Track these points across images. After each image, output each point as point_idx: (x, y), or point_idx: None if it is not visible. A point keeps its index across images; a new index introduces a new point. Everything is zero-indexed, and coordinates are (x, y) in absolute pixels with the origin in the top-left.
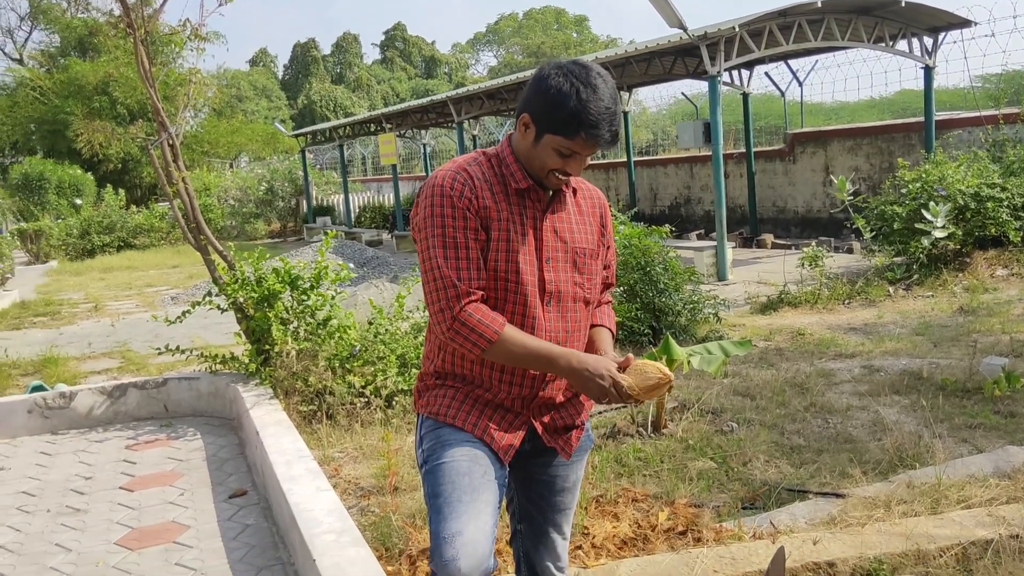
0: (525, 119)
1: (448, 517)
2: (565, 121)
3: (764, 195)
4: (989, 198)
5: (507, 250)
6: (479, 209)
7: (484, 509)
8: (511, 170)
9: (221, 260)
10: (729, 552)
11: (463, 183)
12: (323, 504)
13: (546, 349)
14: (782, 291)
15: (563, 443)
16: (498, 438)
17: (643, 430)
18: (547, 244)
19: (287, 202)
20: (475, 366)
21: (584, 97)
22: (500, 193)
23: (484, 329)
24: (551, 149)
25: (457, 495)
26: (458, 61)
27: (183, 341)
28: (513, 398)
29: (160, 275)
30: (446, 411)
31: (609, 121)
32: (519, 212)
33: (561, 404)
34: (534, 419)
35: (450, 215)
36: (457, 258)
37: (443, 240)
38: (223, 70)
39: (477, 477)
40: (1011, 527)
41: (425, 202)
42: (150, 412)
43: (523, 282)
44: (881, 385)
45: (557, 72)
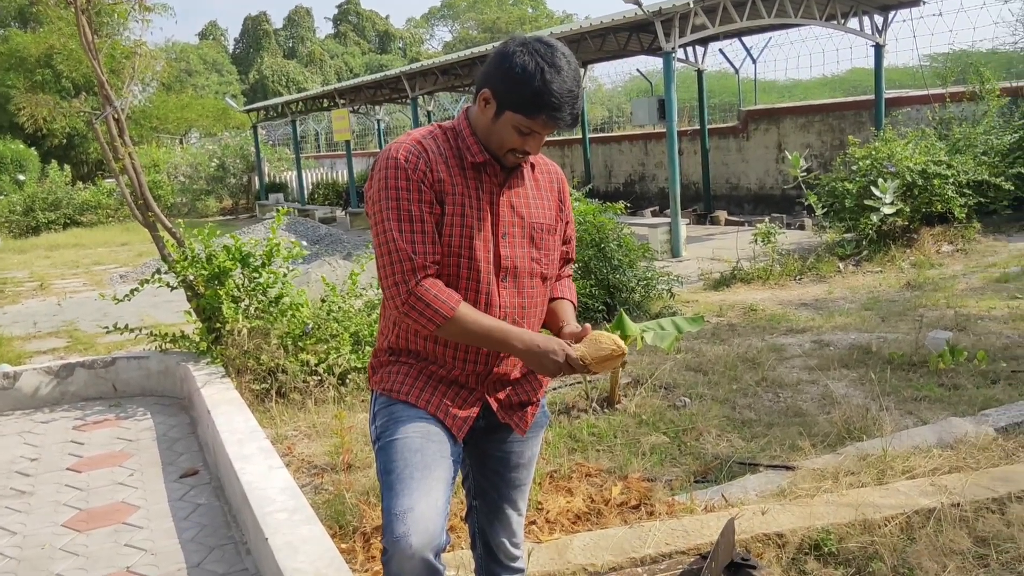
0: (486, 94)
1: (400, 494)
2: (527, 101)
3: (718, 172)
4: (936, 175)
5: (461, 225)
6: (434, 182)
7: (436, 486)
8: (467, 143)
9: (170, 237)
10: (681, 525)
11: (418, 155)
12: (276, 482)
13: (500, 329)
14: (735, 267)
15: (518, 419)
16: (452, 414)
17: (597, 406)
18: (503, 219)
19: (239, 179)
20: (428, 343)
21: (548, 78)
22: (456, 167)
23: (440, 305)
24: (511, 127)
25: (409, 471)
26: (413, 36)
27: (132, 320)
28: (467, 374)
29: (108, 253)
30: (400, 387)
31: (571, 103)
32: (475, 186)
33: (517, 380)
34: (489, 395)
35: (404, 187)
36: (412, 231)
37: (397, 213)
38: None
39: (430, 454)
40: (953, 496)
41: (379, 175)
42: (98, 392)
43: (477, 258)
44: (830, 359)
45: (522, 50)
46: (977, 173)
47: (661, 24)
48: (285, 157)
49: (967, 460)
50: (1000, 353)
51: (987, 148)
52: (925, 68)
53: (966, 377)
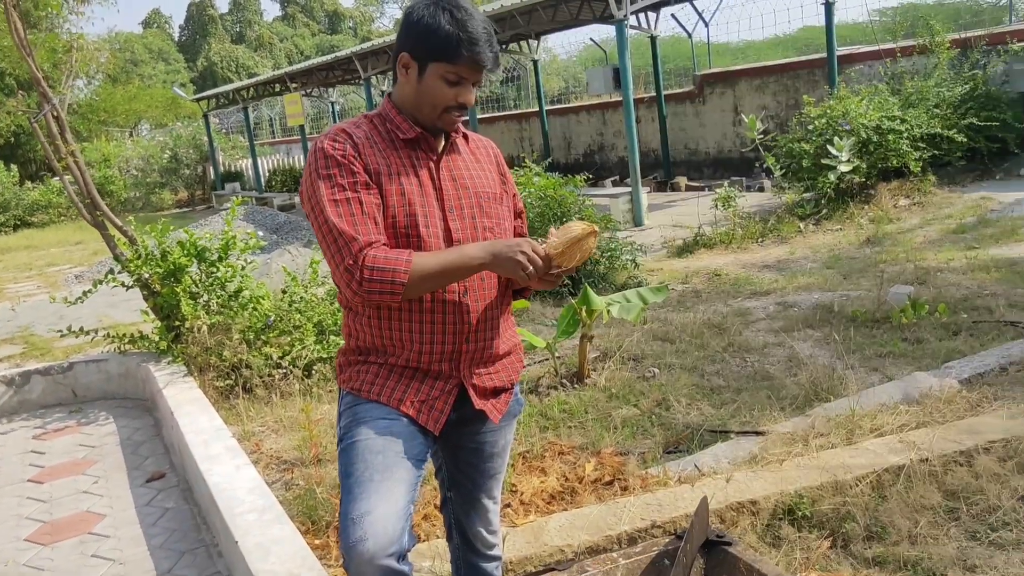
0: (404, 59)
1: (358, 497)
2: (444, 43)
3: (676, 138)
4: (890, 130)
5: (404, 204)
6: (365, 164)
7: (396, 488)
8: (395, 123)
9: (121, 235)
10: (655, 499)
11: (343, 141)
12: (244, 482)
13: (458, 251)
14: (697, 233)
15: (492, 406)
16: (426, 409)
17: (566, 381)
18: (447, 193)
19: (193, 169)
20: (392, 332)
21: (459, 17)
22: (387, 148)
23: (395, 263)
24: (438, 79)
25: (369, 474)
26: (363, 15)
27: (90, 321)
28: (437, 359)
29: (62, 253)
30: (369, 387)
31: (488, 40)
32: (411, 164)
33: (492, 361)
34: (465, 381)
35: (336, 173)
36: (352, 213)
37: (333, 199)
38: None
39: (391, 455)
40: (921, 451)
41: (309, 169)
42: (57, 399)
43: (425, 235)
44: (795, 320)
45: (425, 4)
46: (930, 126)
47: None
48: (239, 145)
49: (933, 414)
50: (960, 304)
51: (939, 101)
52: (874, 23)
53: (928, 330)
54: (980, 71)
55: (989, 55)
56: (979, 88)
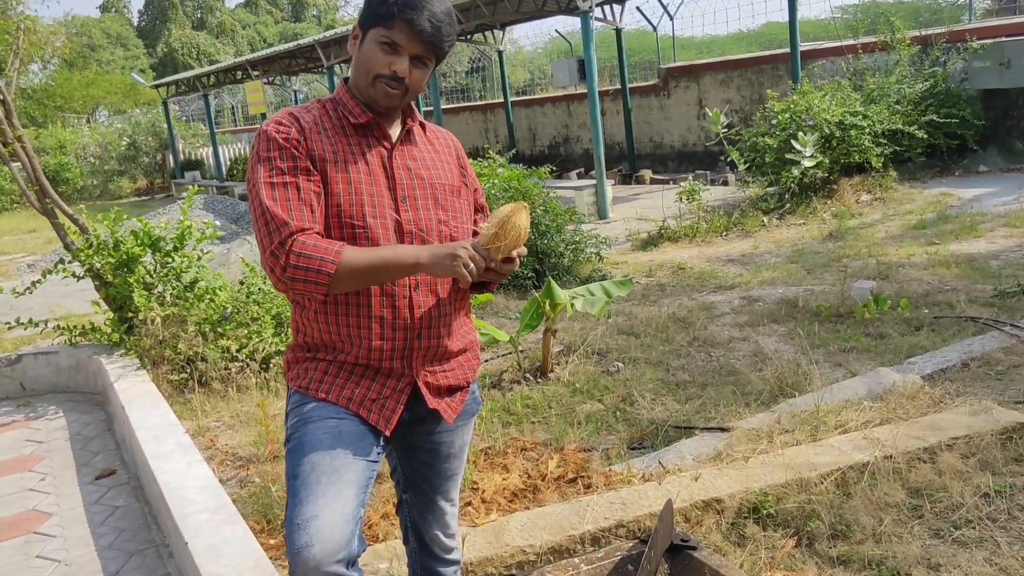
0: (354, 31)
1: (304, 501)
2: (381, 6)
3: (641, 131)
4: (852, 126)
5: (350, 192)
6: (309, 149)
7: (344, 491)
8: (348, 107)
9: (72, 223)
10: (619, 497)
11: (288, 124)
12: (196, 480)
13: (391, 250)
14: (662, 226)
15: (447, 405)
16: (376, 409)
17: (530, 376)
18: (400, 182)
19: (152, 157)
20: (340, 328)
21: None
22: (337, 134)
23: (324, 253)
24: (374, 45)
25: (316, 476)
26: (327, 3)
27: (42, 312)
28: (388, 356)
29: (15, 241)
30: (317, 385)
31: (431, 12)
32: (360, 151)
33: (446, 358)
34: (418, 379)
35: (277, 156)
36: (287, 199)
37: (270, 182)
38: (70, 17)
39: (340, 456)
40: (885, 448)
41: (252, 152)
42: (4, 392)
43: (372, 225)
44: (760, 315)
45: None
46: (891, 122)
47: None
48: (200, 133)
49: (897, 411)
50: (922, 300)
51: (900, 97)
52: (836, 20)
53: (891, 325)
54: (940, 68)
55: (949, 53)
56: (939, 85)
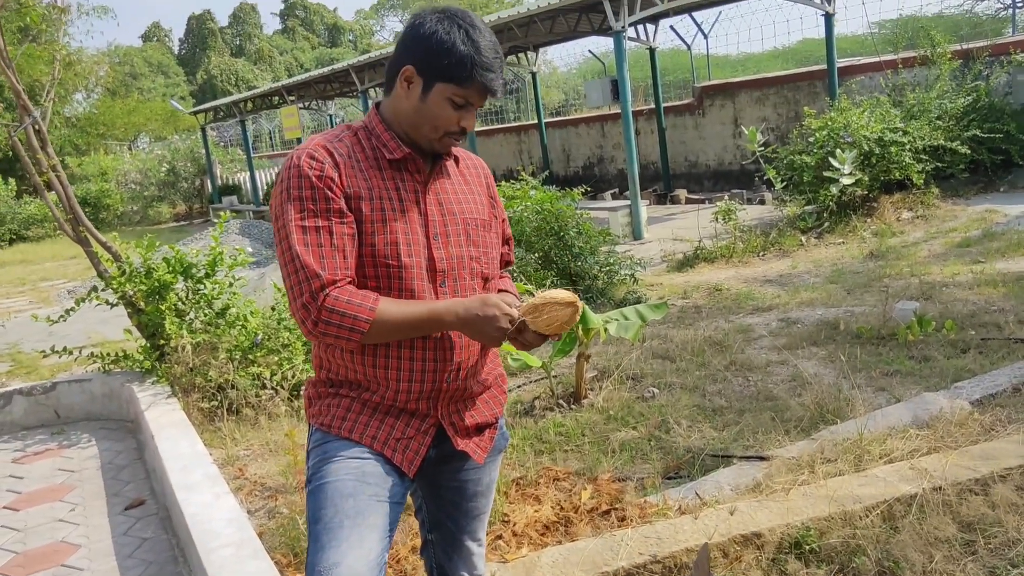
0: (408, 72)
1: (326, 546)
2: (457, 66)
3: (675, 150)
4: (892, 142)
5: (384, 231)
6: (343, 187)
7: (368, 535)
8: (382, 140)
9: (105, 252)
10: (654, 531)
11: (322, 160)
12: (222, 513)
13: (427, 309)
14: (698, 247)
15: (475, 445)
16: (401, 448)
17: (563, 402)
18: (433, 219)
19: (191, 183)
20: (368, 368)
21: (475, 38)
22: (371, 168)
23: (358, 311)
24: (444, 100)
25: (338, 520)
26: (362, 28)
27: (80, 338)
28: (415, 397)
29: (56, 268)
30: (340, 423)
31: (500, 66)
32: (395, 186)
33: (472, 398)
34: (443, 420)
35: (309, 196)
36: (320, 244)
37: (301, 226)
38: (114, 47)
39: (363, 498)
40: (933, 479)
41: (281, 186)
42: (39, 419)
43: (407, 264)
44: (799, 337)
45: (437, 18)
46: (933, 138)
47: (610, 3)
48: (237, 158)
49: (945, 439)
50: (967, 321)
51: (941, 113)
52: (874, 35)
53: (936, 348)
54: (983, 82)
55: (992, 66)
56: (982, 100)
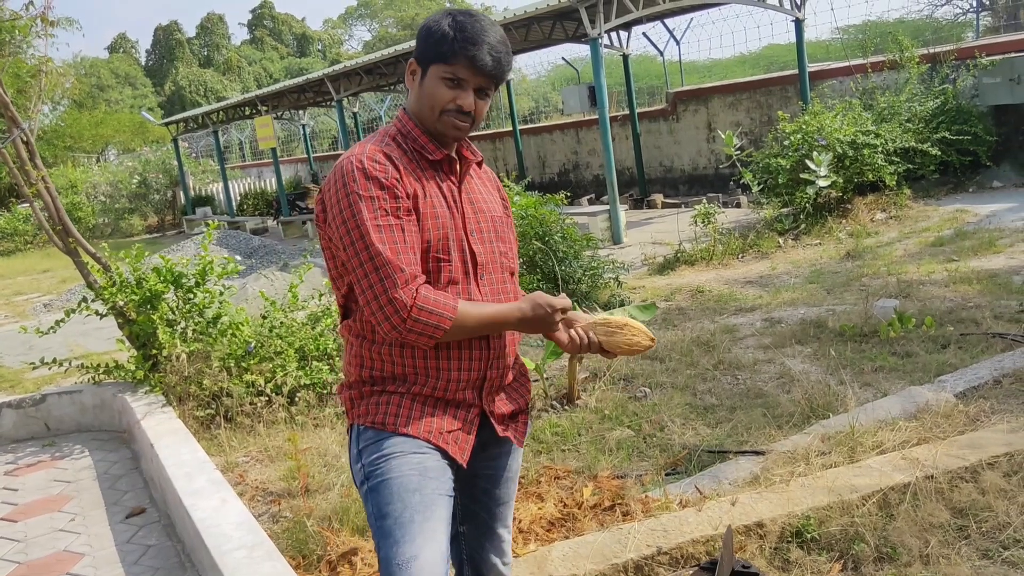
0: (411, 65)
1: (401, 540)
2: (441, 41)
3: (650, 156)
4: (865, 145)
5: (438, 227)
6: (405, 188)
7: (439, 528)
8: (420, 143)
9: (94, 262)
10: (660, 524)
11: (383, 163)
12: (231, 517)
13: (495, 311)
14: (678, 250)
15: (514, 431)
16: (452, 441)
17: (557, 403)
18: (468, 216)
19: (163, 194)
20: (418, 360)
21: (461, 19)
22: (417, 169)
23: (443, 309)
24: (437, 81)
25: (409, 515)
26: (331, 37)
27: (61, 351)
28: (464, 387)
29: (29, 282)
30: (394, 419)
31: (490, 45)
32: (437, 185)
33: (506, 386)
34: (486, 408)
35: (380, 196)
36: (395, 242)
37: (376, 224)
38: (80, 58)
39: (429, 492)
40: (925, 468)
41: (344, 190)
42: (29, 432)
43: (454, 259)
44: (784, 336)
45: (435, 15)
46: (904, 140)
47: (586, 10)
48: (210, 169)
49: (933, 430)
50: (946, 317)
51: (911, 115)
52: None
53: (917, 344)
54: (950, 85)
55: (958, 70)
56: (950, 102)
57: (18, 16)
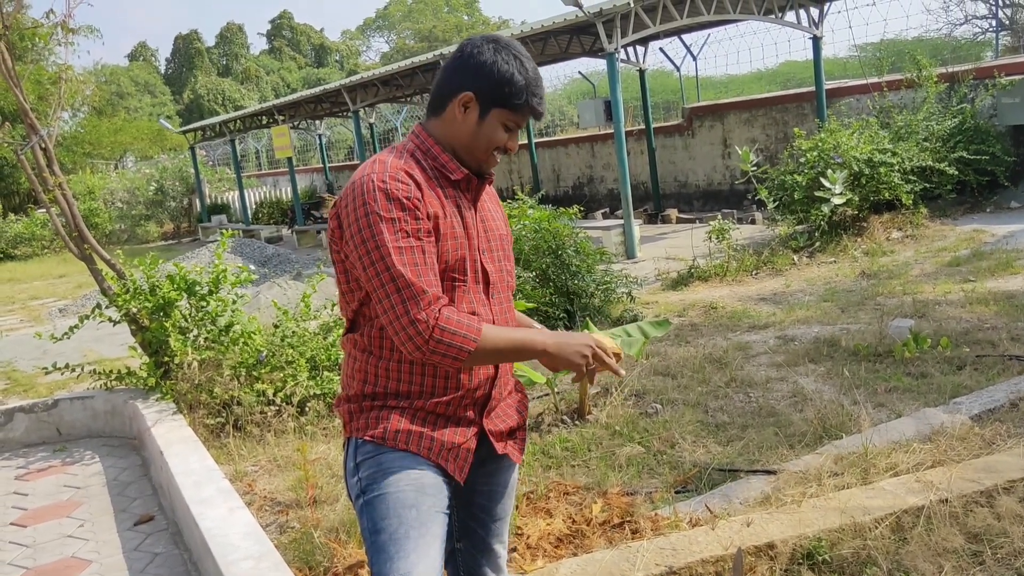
0: (466, 98)
1: (395, 556)
2: (515, 94)
3: (665, 171)
4: (881, 163)
5: (457, 247)
6: (426, 208)
7: (433, 544)
8: (441, 162)
9: (109, 269)
10: (669, 543)
11: (407, 182)
12: (238, 527)
13: (523, 336)
14: (691, 265)
15: (512, 447)
16: (451, 458)
17: (567, 418)
18: (480, 235)
19: (179, 202)
20: (426, 379)
21: (527, 67)
22: (436, 188)
23: (467, 330)
24: (498, 124)
25: (404, 530)
26: (349, 48)
27: (74, 356)
28: (467, 404)
29: (46, 286)
30: (393, 434)
31: (543, 91)
32: (455, 204)
33: (504, 403)
34: (486, 426)
35: (401, 218)
36: (416, 263)
37: (398, 246)
38: (100, 66)
39: (424, 509)
40: (940, 492)
41: (363, 208)
42: (41, 437)
43: (468, 278)
44: (797, 354)
45: (491, 47)
46: (921, 159)
47: (603, 25)
48: (226, 177)
49: (948, 453)
50: (962, 338)
51: (928, 134)
52: (856, 58)
53: (932, 365)
54: (968, 105)
55: (976, 89)
56: (968, 122)
57: (39, 24)
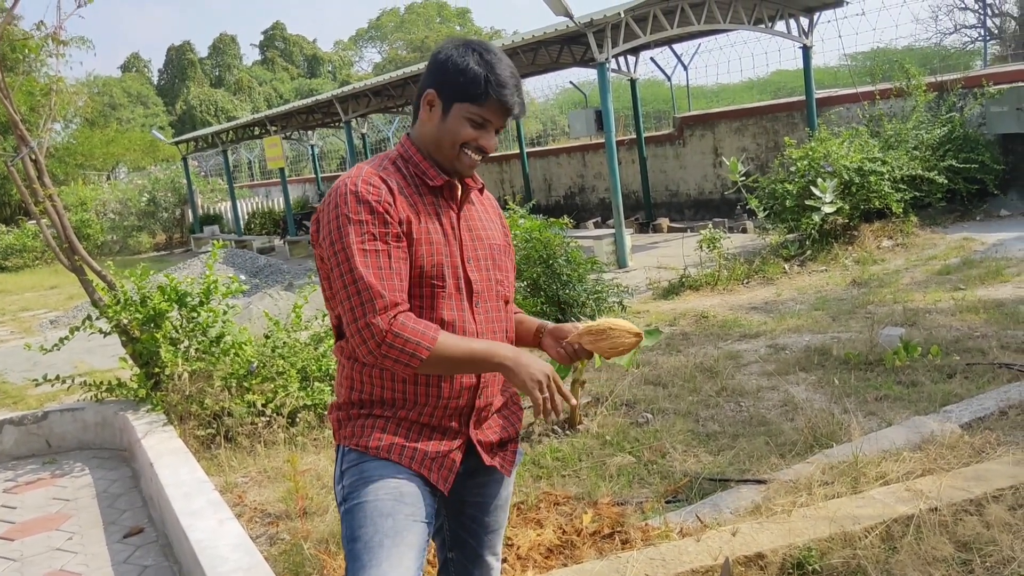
0: (429, 96)
1: (367, 565)
2: (472, 83)
3: (656, 180)
4: (872, 172)
5: (432, 253)
6: (398, 213)
7: (407, 553)
8: (422, 168)
9: (99, 280)
10: (659, 553)
11: (378, 186)
12: (228, 539)
13: (484, 348)
14: (683, 275)
15: (501, 460)
16: (435, 468)
17: (558, 428)
18: (465, 243)
19: (171, 212)
20: (407, 386)
21: (488, 59)
22: (414, 194)
23: (420, 338)
24: (462, 120)
25: (378, 539)
26: (341, 59)
27: (65, 368)
28: (451, 414)
29: (37, 298)
30: (377, 443)
31: (515, 85)
32: (435, 211)
33: (496, 413)
34: (473, 437)
35: (369, 220)
36: (379, 267)
37: (363, 248)
38: (93, 77)
39: (401, 518)
40: (929, 500)
41: (335, 211)
42: (30, 449)
43: (448, 285)
44: (787, 363)
45: (455, 45)
46: (911, 168)
47: (593, 35)
48: (218, 188)
49: (938, 461)
50: (952, 346)
51: (918, 143)
52: (846, 67)
53: (923, 373)
54: (957, 114)
55: (965, 98)
56: (957, 130)
57: (30, 36)
